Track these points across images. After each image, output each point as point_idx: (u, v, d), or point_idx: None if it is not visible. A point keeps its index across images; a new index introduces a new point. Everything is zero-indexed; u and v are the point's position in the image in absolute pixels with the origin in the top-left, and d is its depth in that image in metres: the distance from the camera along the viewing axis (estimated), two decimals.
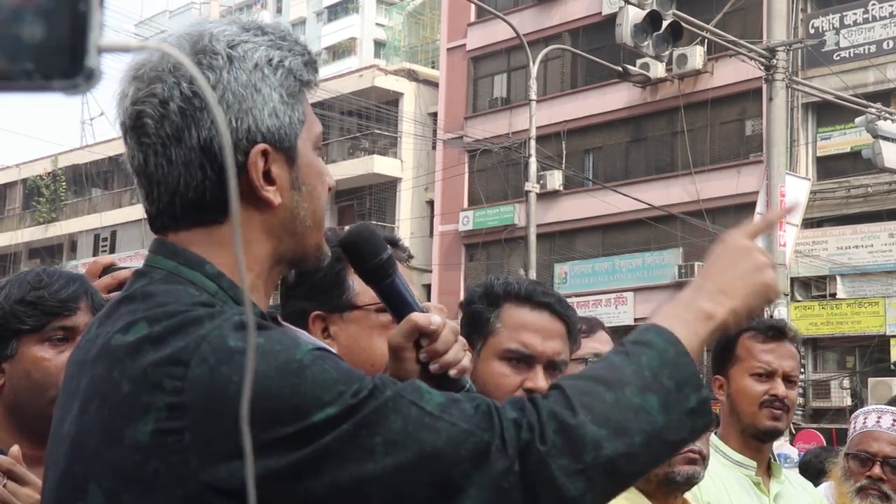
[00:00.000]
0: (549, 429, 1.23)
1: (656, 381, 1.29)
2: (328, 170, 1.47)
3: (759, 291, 1.43)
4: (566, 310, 2.28)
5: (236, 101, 1.32)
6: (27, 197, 43.42)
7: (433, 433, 1.21)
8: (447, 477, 1.20)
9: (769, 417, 3.08)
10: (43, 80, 0.83)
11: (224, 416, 1.17)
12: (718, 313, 1.39)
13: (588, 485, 1.23)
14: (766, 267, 1.44)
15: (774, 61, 14.67)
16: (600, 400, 1.26)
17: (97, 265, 2.22)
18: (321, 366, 1.22)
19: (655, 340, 1.33)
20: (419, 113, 32.49)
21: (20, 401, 1.98)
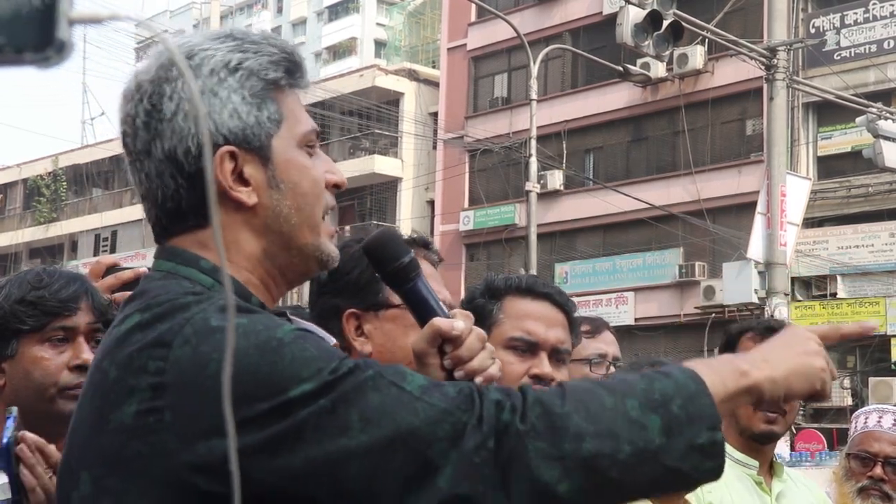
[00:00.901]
0: (532, 412, 1.23)
1: (664, 406, 1.27)
2: (334, 167, 1.47)
3: (804, 372, 1.42)
4: (566, 301, 2.33)
5: (193, 109, 1.34)
6: (28, 197, 43.44)
7: (411, 412, 1.21)
8: (423, 455, 1.20)
9: (764, 421, 3.05)
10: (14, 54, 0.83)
11: (203, 394, 1.19)
12: (754, 375, 1.37)
13: (564, 474, 1.21)
14: (819, 356, 1.44)
15: (775, 61, 14.67)
16: (598, 402, 1.26)
17: (100, 265, 2.22)
18: (301, 344, 1.23)
19: (677, 374, 1.32)
20: (420, 113, 32.49)
21: (20, 400, 1.98)
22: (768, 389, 1.37)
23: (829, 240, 24.22)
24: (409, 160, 33.14)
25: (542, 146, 23.53)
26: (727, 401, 1.34)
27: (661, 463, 1.26)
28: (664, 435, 1.26)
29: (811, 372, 1.42)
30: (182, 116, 1.35)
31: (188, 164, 1.35)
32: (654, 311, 26.39)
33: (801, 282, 24.19)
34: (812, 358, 1.43)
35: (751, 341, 3.10)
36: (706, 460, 1.29)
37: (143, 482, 1.22)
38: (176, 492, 1.21)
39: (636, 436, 1.25)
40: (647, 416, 1.26)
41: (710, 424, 1.29)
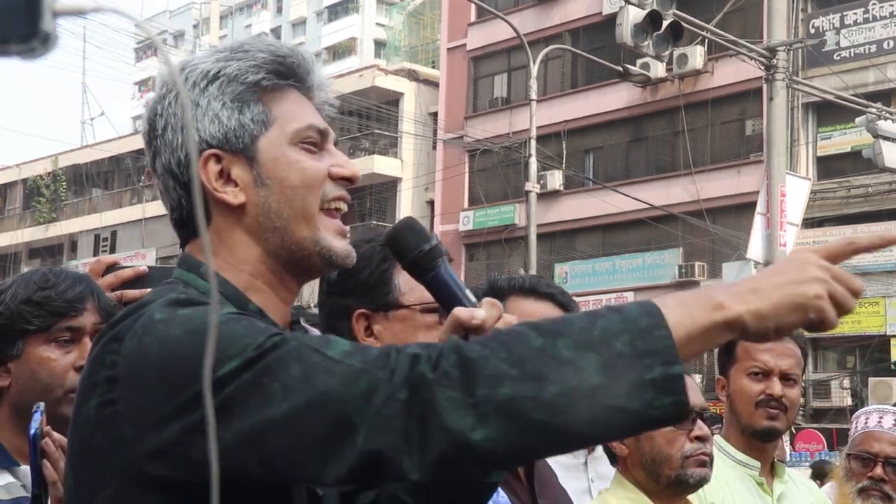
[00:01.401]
0: (447, 361, 1.20)
1: (605, 343, 1.20)
2: (345, 161, 1.49)
3: (796, 303, 1.26)
4: (569, 302, 2.34)
5: (178, 121, 1.43)
6: (27, 197, 43.43)
7: (329, 376, 1.21)
8: (343, 416, 1.20)
9: (765, 417, 3.06)
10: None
11: (149, 385, 1.25)
12: (733, 308, 1.25)
13: (479, 421, 1.17)
14: (816, 282, 1.27)
15: (775, 61, 14.68)
16: (525, 344, 1.21)
17: (101, 264, 2.22)
18: (232, 326, 1.26)
19: (630, 309, 1.24)
20: (419, 113, 32.49)
21: (26, 401, 1.97)
22: (752, 324, 1.25)
23: (829, 240, 24.02)
24: (409, 160, 33.14)
25: (541, 146, 23.54)
26: (698, 336, 1.24)
27: (599, 402, 1.19)
28: (603, 373, 1.19)
29: (804, 301, 1.26)
30: (171, 130, 1.44)
31: (181, 174, 1.43)
32: None
33: None
34: (806, 285, 1.26)
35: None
36: (662, 396, 1.20)
37: (109, 471, 1.29)
38: (137, 479, 1.27)
39: (565, 375, 1.19)
40: (581, 355, 1.20)
41: (665, 359, 1.20)
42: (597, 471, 3.00)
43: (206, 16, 63.05)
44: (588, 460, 3.03)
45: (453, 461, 1.20)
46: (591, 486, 2.97)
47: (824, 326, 1.28)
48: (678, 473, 2.52)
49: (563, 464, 2.84)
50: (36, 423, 1.82)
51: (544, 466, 2.53)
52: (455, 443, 1.18)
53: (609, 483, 2.70)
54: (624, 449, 2.56)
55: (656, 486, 2.55)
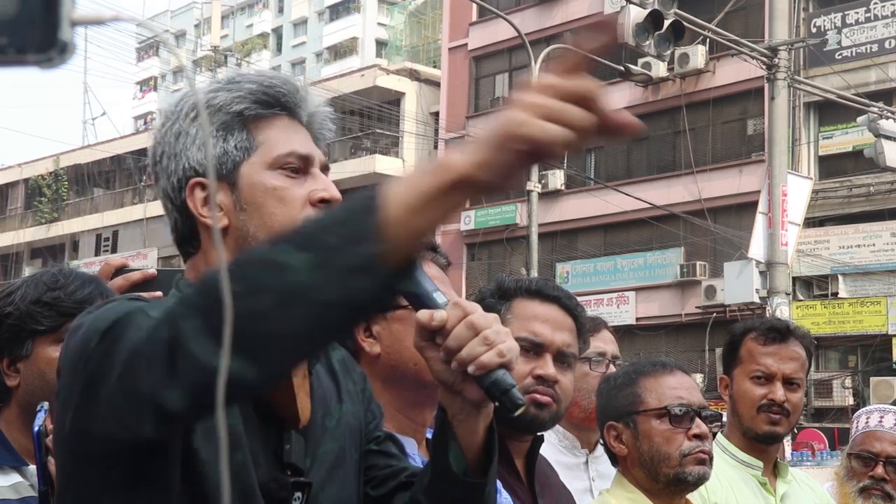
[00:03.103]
0: (194, 291, 1.24)
1: (318, 239, 1.18)
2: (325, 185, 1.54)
3: (496, 142, 1.16)
4: (575, 305, 2.35)
5: (171, 149, 1.53)
6: (29, 196, 43.43)
7: (139, 331, 1.26)
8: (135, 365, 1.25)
9: (766, 422, 3.05)
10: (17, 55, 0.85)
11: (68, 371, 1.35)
12: (457, 164, 1.16)
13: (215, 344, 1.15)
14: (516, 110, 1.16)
15: (776, 60, 14.68)
16: (253, 260, 1.21)
17: (109, 266, 2.22)
18: (116, 305, 1.35)
19: (355, 199, 1.22)
20: (421, 112, 32.49)
21: (35, 401, 1.98)
22: (481, 175, 1.16)
23: (831, 239, 24.21)
24: (411, 160, 33.12)
25: None
26: (428, 204, 1.16)
27: (315, 301, 1.17)
28: (315, 270, 1.16)
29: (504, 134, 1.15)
30: (166, 157, 1.54)
31: (175, 198, 1.54)
32: (656, 311, 26.39)
33: (803, 281, 24.19)
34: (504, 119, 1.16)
35: (754, 341, 3.11)
36: (359, 279, 1.16)
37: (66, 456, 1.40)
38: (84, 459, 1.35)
39: (278, 281, 1.17)
40: (295, 256, 1.17)
41: (361, 240, 1.16)
42: (598, 470, 3.00)
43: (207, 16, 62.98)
44: (589, 460, 3.04)
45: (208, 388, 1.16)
46: (593, 486, 2.98)
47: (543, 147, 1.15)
48: (677, 472, 2.53)
49: (564, 463, 2.85)
50: (40, 421, 1.84)
51: (545, 466, 2.54)
52: (201, 369, 1.17)
53: (610, 483, 2.71)
54: (623, 449, 2.57)
55: (656, 485, 2.55)
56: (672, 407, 2.50)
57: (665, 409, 2.50)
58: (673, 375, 2.55)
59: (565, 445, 3.03)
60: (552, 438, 2.89)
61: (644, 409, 2.51)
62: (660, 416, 2.51)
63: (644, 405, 2.52)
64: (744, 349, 3.11)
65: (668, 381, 2.53)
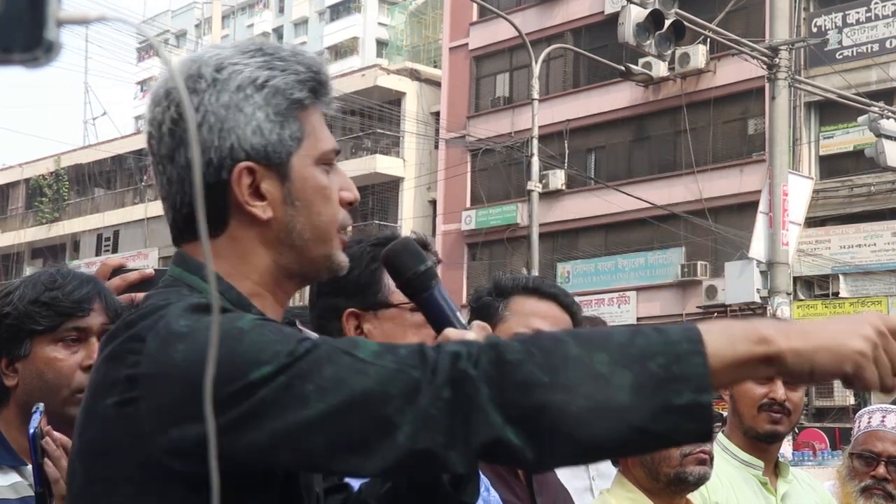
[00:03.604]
0: (485, 358, 1.22)
1: (640, 363, 1.20)
2: (349, 183, 1.49)
3: (836, 351, 1.25)
4: (571, 303, 2.38)
5: (218, 121, 1.39)
6: (30, 196, 43.46)
7: (363, 376, 1.23)
8: (381, 415, 1.22)
9: (767, 421, 3.06)
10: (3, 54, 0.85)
11: (172, 384, 1.26)
12: (776, 343, 1.24)
13: (510, 422, 1.19)
14: (862, 339, 1.26)
15: (777, 60, 14.68)
16: (562, 353, 1.22)
17: (107, 267, 2.22)
18: (260, 330, 1.27)
19: (672, 331, 1.24)
20: (421, 112, 32.50)
21: (33, 401, 1.97)
22: (791, 362, 1.24)
23: (832, 239, 24.22)
24: (411, 160, 33.14)
25: (543, 146, 23.53)
26: (737, 366, 1.24)
27: (626, 421, 1.20)
28: (633, 392, 1.20)
29: (843, 351, 1.25)
30: (206, 128, 1.39)
31: (208, 174, 1.39)
32: (657, 311, 26.39)
33: (804, 281, 24.20)
34: (851, 338, 1.25)
35: None
36: (687, 423, 1.21)
37: (126, 468, 1.30)
38: (156, 475, 1.28)
39: (595, 390, 1.19)
40: (616, 372, 1.20)
41: (697, 386, 1.20)
42: (598, 469, 3.00)
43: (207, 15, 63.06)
44: None
45: (491, 455, 1.22)
46: (593, 485, 2.98)
47: (861, 384, 1.27)
48: (678, 472, 2.53)
49: None
50: (35, 423, 1.83)
51: None
52: (494, 438, 1.20)
53: (610, 482, 2.71)
54: None
55: (656, 484, 2.55)
56: None
57: None
58: None
59: None
60: None
61: None
62: None
63: None
64: None
65: None
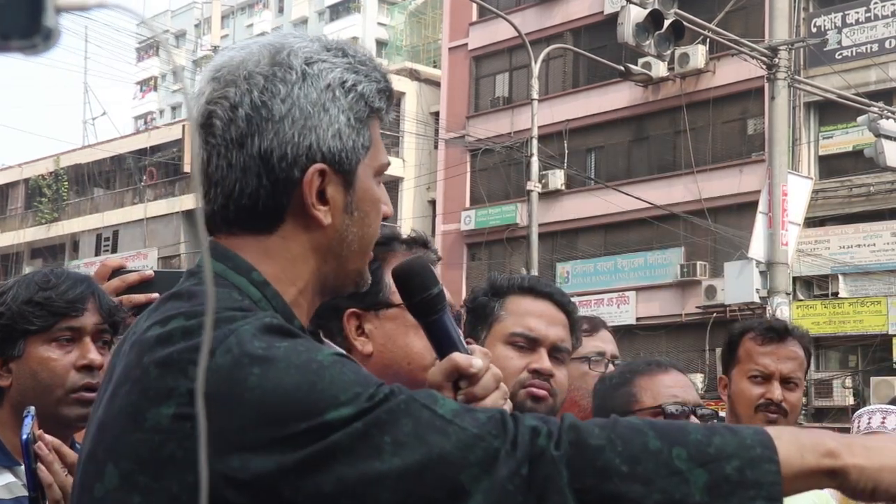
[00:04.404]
0: (566, 437, 1.21)
1: (717, 462, 1.21)
2: (387, 198, 1.48)
3: None
4: (567, 302, 2.37)
5: (303, 116, 1.35)
6: (29, 196, 43.43)
7: (443, 436, 1.20)
8: (454, 480, 1.19)
9: (764, 421, 3.01)
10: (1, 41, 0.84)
11: (241, 408, 1.20)
12: (843, 458, 1.26)
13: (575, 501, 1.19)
14: None
15: (776, 60, 14.68)
16: (640, 442, 1.23)
17: (106, 268, 2.21)
18: (340, 368, 1.23)
19: (746, 433, 1.26)
20: (421, 112, 32.50)
21: (27, 401, 1.97)
22: (855, 478, 1.26)
23: (831, 239, 24.21)
24: (411, 160, 33.14)
25: (543, 146, 23.53)
26: (803, 477, 1.25)
27: None
28: (707, 493, 1.21)
29: None
30: (290, 122, 1.34)
31: (279, 168, 1.35)
32: (656, 311, 26.39)
33: (803, 281, 24.19)
34: None
35: (752, 341, 3.10)
36: None
37: (176, 485, 1.22)
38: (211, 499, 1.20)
39: (672, 486, 1.20)
40: (693, 469, 1.21)
41: (769, 494, 1.21)
42: None
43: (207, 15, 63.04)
44: None
45: None
46: None
47: None
48: None
49: None
50: (28, 429, 1.82)
51: None
52: None
53: None
54: None
55: None
56: (667, 406, 2.49)
57: (660, 408, 2.49)
58: (668, 374, 2.54)
59: None
60: None
61: (639, 408, 2.51)
62: (655, 414, 2.50)
63: (639, 404, 2.51)
64: (742, 349, 3.10)
65: (664, 380, 2.52)
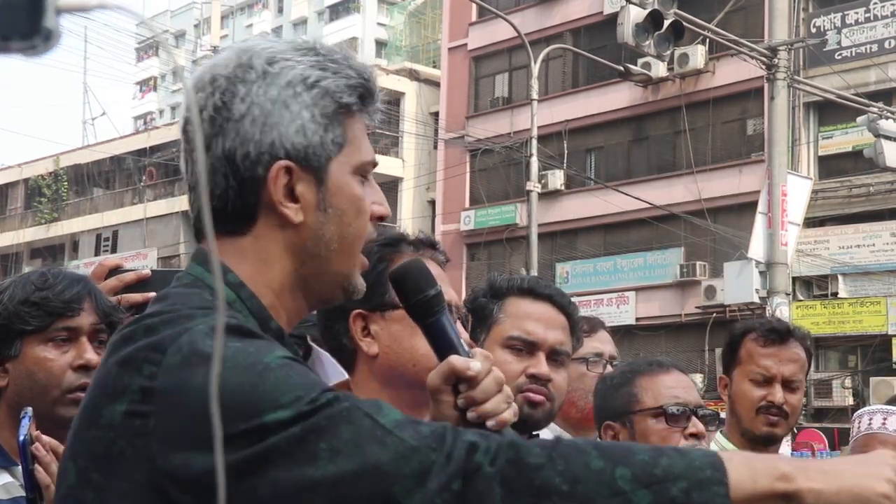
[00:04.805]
0: (503, 456, 1.19)
1: (661, 484, 1.19)
2: (382, 197, 1.46)
3: (859, 493, 1.25)
4: (567, 303, 2.34)
5: (263, 114, 1.35)
6: (29, 197, 43.43)
7: (380, 446, 1.18)
8: (387, 492, 1.18)
9: (765, 424, 3.04)
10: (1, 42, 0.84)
11: (187, 406, 1.20)
12: (797, 482, 1.24)
13: None
14: (888, 482, 1.26)
15: (776, 60, 14.67)
16: (583, 463, 1.20)
17: (103, 267, 2.20)
18: (287, 371, 1.22)
19: (696, 455, 1.24)
20: (420, 112, 32.50)
21: (23, 401, 1.97)
22: (811, 502, 1.24)
23: (831, 239, 24.21)
24: (410, 160, 33.14)
25: (542, 146, 23.53)
26: (756, 501, 1.23)
27: None
28: None
29: (867, 495, 1.25)
30: (250, 121, 1.35)
31: (244, 167, 1.35)
32: (656, 311, 26.39)
33: (803, 281, 24.19)
34: (875, 481, 1.26)
35: (753, 342, 3.09)
36: None
37: (125, 482, 1.23)
38: (154, 497, 1.22)
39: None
40: (637, 490, 1.19)
41: None
42: None
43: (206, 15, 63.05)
44: None
45: None
46: None
47: None
48: None
49: None
50: (25, 430, 1.82)
51: None
52: None
53: None
54: None
55: None
56: (668, 406, 2.48)
57: (661, 409, 2.48)
58: (669, 375, 2.53)
59: None
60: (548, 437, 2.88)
61: (640, 408, 2.50)
62: (656, 415, 2.49)
63: (640, 405, 2.50)
64: (743, 350, 3.09)
65: (665, 381, 2.51)
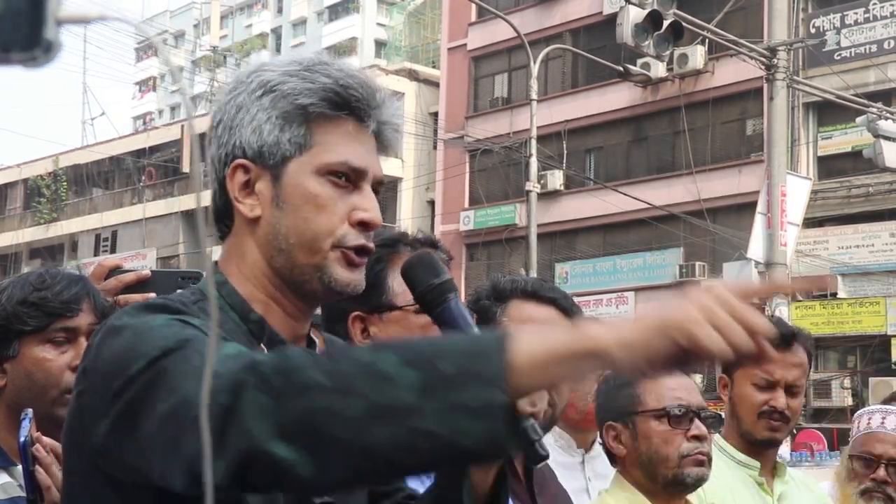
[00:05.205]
0: (268, 366, 1.15)
1: (431, 362, 1.10)
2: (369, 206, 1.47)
3: (660, 327, 1.13)
4: (571, 306, 2.33)
5: (229, 119, 1.46)
6: (28, 197, 43.42)
7: (197, 380, 1.15)
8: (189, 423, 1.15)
9: (766, 428, 3.04)
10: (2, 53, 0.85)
11: (100, 379, 1.28)
12: (599, 337, 1.13)
13: (277, 431, 1.10)
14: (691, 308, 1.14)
15: (775, 61, 14.67)
16: (351, 357, 1.15)
17: (103, 268, 2.21)
18: (167, 329, 1.27)
19: (476, 332, 1.24)
20: (420, 113, 32.49)
21: (22, 401, 1.97)
22: (619, 354, 1.13)
23: (830, 240, 24.22)
24: (410, 160, 33.13)
25: (542, 146, 23.53)
26: (553, 363, 1.12)
27: (407, 424, 1.09)
28: (420, 393, 1.09)
29: (669, 324, 1.13)
30: (223, 127, 1.47)
31: (219, 170, 1.47)
32: None
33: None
34: (676, 311, 1.14)
35: None
36: (472, 422, 1.09)
37: (75, 461, 1.34)
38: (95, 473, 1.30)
39: (375, 391, 1.10)
40: (401, 371, 1.10)
41: (487, 384, 1.09)
42: (594, 469, 2.99)
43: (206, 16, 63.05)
44: (585, 459, 3.03)
45: (253, 469, 1.13)
46: (589, 485, 2.97)
47: (705, 353, 1.13)
48: (676, 473, 2.51)
49: (560, 463, 2.84)
50: (25, 431, 1.82)
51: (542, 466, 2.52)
52: (252, 448, 1.11)
53: (607, 482, 2.69)
54: (622, 449, 2.55)
55: (654, 485, 2.53)
56: (671, 408, 2.48)
57: (664, 410, 2.48)
58: (672, 376, 2.53)
59: (561, 445, 3.02)
60: (548, 438, 2.88)
61: (643, 409, 2.49)
62: (658, 416, 2.49)
63: (643, 406, 2.50)
64: None
65: (668, 382, 2.51)
